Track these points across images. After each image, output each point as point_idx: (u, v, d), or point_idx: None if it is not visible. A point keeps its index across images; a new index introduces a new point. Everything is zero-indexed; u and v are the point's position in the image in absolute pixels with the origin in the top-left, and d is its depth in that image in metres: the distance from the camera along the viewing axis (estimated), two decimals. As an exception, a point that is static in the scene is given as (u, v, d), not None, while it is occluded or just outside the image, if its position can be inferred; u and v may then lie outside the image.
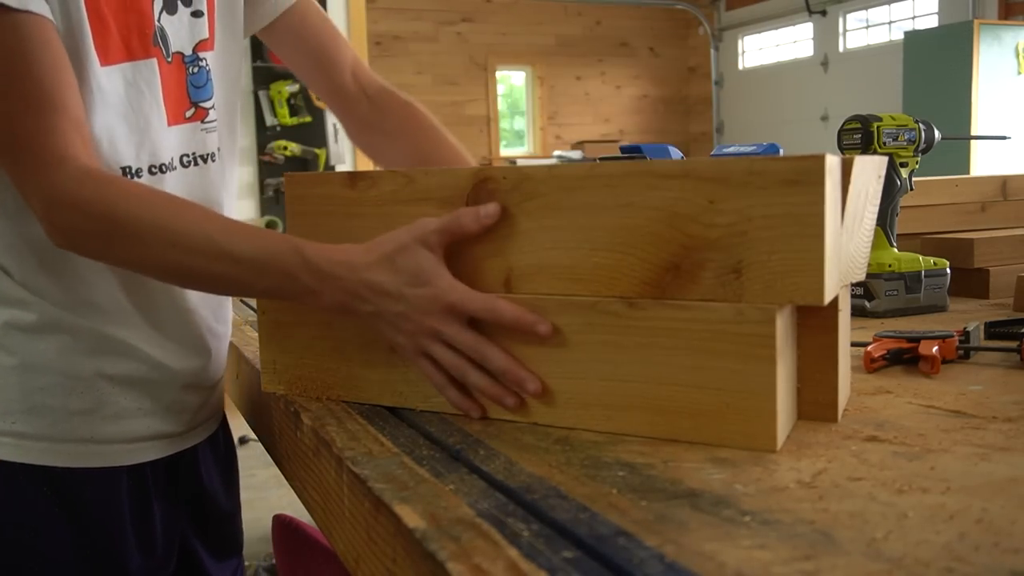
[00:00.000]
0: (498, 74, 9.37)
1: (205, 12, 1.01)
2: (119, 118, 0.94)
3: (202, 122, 1.02)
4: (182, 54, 0.99)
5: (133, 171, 0.95)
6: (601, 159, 1.46)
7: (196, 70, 1.01)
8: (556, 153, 9.07)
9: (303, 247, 0.81)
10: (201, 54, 1.01)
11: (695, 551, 0.51)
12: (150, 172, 0.97)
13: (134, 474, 0.99)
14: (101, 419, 0.96)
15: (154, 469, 1.02)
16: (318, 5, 1.13)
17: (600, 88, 9.76)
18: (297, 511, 1.84)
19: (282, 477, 0.99)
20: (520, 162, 8.90)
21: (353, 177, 0.89)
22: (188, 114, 1.01)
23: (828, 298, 0.68)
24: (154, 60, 0.96)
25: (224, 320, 1.09)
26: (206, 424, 1.10)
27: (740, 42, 9.46)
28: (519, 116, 9.89)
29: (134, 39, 0.95)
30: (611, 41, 9.75)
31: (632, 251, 0.73)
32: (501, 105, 9.56)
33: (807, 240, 0.66)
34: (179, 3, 0.98)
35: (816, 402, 0.76)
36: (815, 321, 0.75)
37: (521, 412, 0.80)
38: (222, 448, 1.16)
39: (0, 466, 0.93)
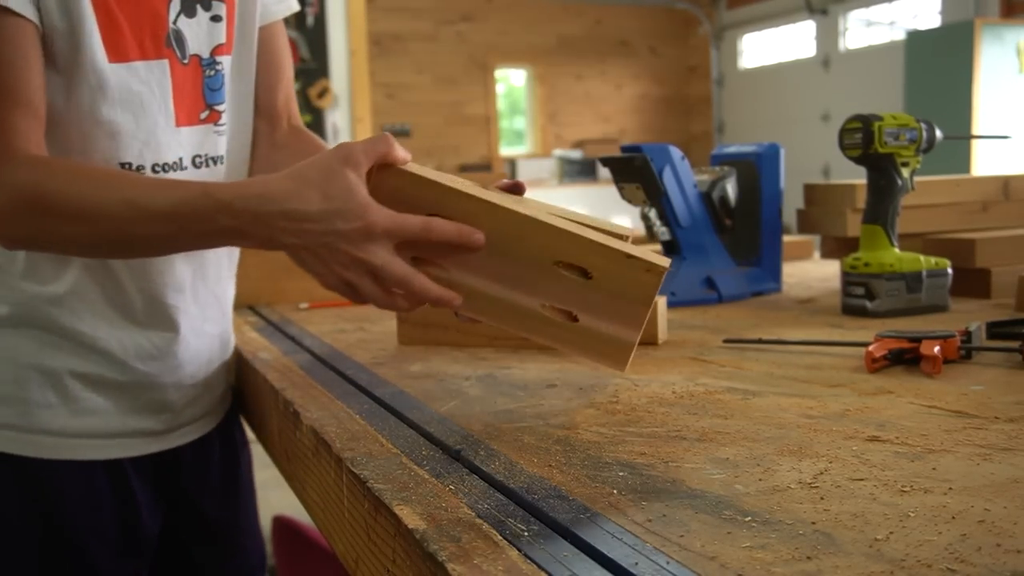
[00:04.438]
0: (498, 73, 9.37)
1: (224, 17, 1.01)
2: (126, 114, 0.94)
3: (215, 124, 1.03)
4: (199, 57, 1.00)
5: (134, 167, 0.95)
6: (601, 159, 1.46)
7: (213, 73, 1.01)
8: (556, 152, 9.07)
9: (212, 189, 0.78)
10: (218, 58, 1.02)
11: (696, 552, 0.51)
12: (153, 170, 0.97)
13: (113, 469, 1.01)
14: (71, 413, 0.97)
15: (136, 465, 1.03)
16: (285, 31, 1.15)
17: (600, 87, 9.76)
18: (297, 511, 1.84)
19: (282, 477, 0.99)
20: (520, 161, 8.90)
21: None
22: (203, 116, 1.01)
23: None
24: (166, 61, 0.97)
25: (211, 318, 1.08)
26: (195, 424, 1.10)
27: (740, 41, 9.46)
28: (519, 115, 9.89)
29: (146, 39, 0.95)
30: (611, 40, 9.74)
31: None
32: (501, 104, 9.55)
33: None
34: (198, 7, 0.99)
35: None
36: None
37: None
38: (218, 451, 1.15)
39: None
